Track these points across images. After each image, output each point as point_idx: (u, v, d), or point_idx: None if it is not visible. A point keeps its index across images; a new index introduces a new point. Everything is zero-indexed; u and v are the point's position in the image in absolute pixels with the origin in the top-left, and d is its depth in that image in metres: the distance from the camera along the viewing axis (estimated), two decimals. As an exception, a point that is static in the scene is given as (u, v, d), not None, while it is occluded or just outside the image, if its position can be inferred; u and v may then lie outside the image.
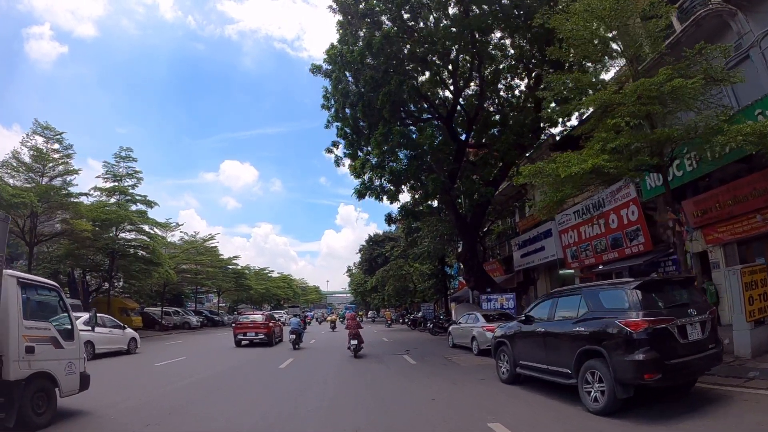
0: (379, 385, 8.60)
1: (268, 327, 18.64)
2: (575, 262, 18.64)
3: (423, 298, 33.34)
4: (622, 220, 15.92)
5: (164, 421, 6.01)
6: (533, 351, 7.35)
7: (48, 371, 5.62)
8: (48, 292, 6.22)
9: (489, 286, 17.47)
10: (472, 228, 17.80)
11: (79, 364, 6.29)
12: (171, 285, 34.84)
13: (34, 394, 5.38)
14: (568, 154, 8.70)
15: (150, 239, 25.42)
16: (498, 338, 8.59)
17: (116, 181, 26.83)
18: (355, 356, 13.73)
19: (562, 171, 8.13)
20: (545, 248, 19.97)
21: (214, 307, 51.22)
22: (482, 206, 17.55)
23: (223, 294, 52.60)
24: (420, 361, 12.04)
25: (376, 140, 14.89)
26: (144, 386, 8.70)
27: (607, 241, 16.69)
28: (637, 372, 5.43)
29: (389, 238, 45.13)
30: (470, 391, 7.78)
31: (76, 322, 6.49)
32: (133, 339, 15.96)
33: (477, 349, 12.89)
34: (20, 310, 5.34)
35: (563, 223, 19.12)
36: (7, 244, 5.59)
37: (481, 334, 12.74)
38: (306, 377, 9.63)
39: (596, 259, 17.39)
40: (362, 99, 17.20)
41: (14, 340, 5.16)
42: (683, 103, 8.32)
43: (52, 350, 5.75)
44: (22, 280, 5.59)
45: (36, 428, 5.34)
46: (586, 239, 17.84)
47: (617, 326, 5.73)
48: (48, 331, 5.79)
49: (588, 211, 17.76)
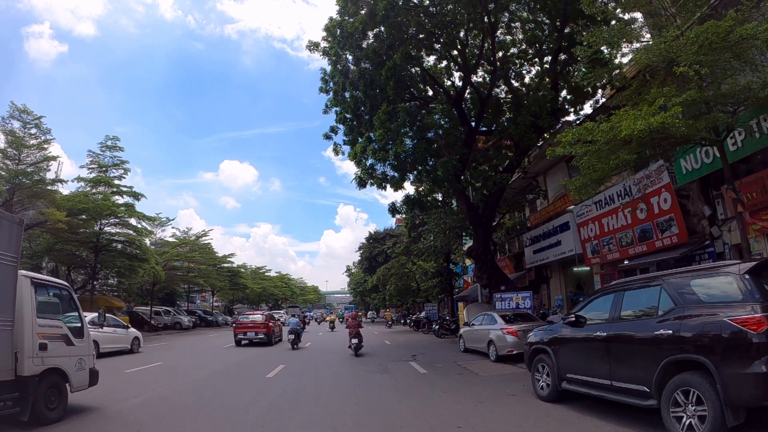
0: (386, 406, 6.66)
1: (268, 327, 18.80)
2: (596, 257, 16.87)
3: (426, 298, 31.38)
4: (652, 209, 14.19)
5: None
6: (589, 361, 5.59)
7: (60, 367, 5.81)
8: (59, 291, 6.45)
9: (503, 284, 15.67)
10: (485, 219, 15.97)
11: (89, 360, 6.52)
12: (162, 283, 32.98)
13: (46, 389, 5.55)
14: (626, 110, 6.90)
15: (136, 233, 23.49)
16: (535, 345, 6.82)
17: (102, 172, 24.94)
18: (356, 355, 13.92)
19: (625, 127, 6.32)
20: (562, 243, 18.22)
21: (210, 306, 49.13)
22: (495, 195, 15.77)
23: (218, 293, 50.77)
24: (431, 369, 10.36)
25: (380, 119, 13.14)
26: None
27: (634, 234, 14.94)
28: (760, 389, 3.82)
29: (390, 235, 43.24)
30: (504, 413, 6.10)
31: (86, 320, 6.75)
32: (136, 338, 16.01)
33: (495, 354, 11.14)
34: (34, 308, 5.53)
35: (582, 215, 17.37)
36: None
37: (499, 337, 10.97)
38: (295, 393, 7.83)
39: (621, 254, 15.64)
40: (364, 77, 15.44)
41: (28, 337, 5.34)
42: (748, 61, 6.49)
43: (63, 347, 5.95)
44: (35, 281, 5.79)
45: (48, 422, 5.48)
46: (609, 232, 16.09)
47: (727, 326, 3.95)
48: (60, 328, 5.99)
49: (611, 201, 15.99)
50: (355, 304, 68.19)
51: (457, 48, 16.12)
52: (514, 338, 10.78)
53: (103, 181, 24.24)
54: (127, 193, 24.94)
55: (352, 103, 16.73)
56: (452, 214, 18.42)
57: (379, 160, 13.64)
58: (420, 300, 34.81)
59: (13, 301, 5.10)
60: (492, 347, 11.30)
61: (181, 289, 38.24)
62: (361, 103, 16.63)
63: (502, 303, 14.79)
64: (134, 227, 24.29)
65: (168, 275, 30.51)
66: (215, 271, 36.66)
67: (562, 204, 19.10)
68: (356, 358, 12.53)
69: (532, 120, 14.79)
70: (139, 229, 24.13)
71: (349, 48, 15.44)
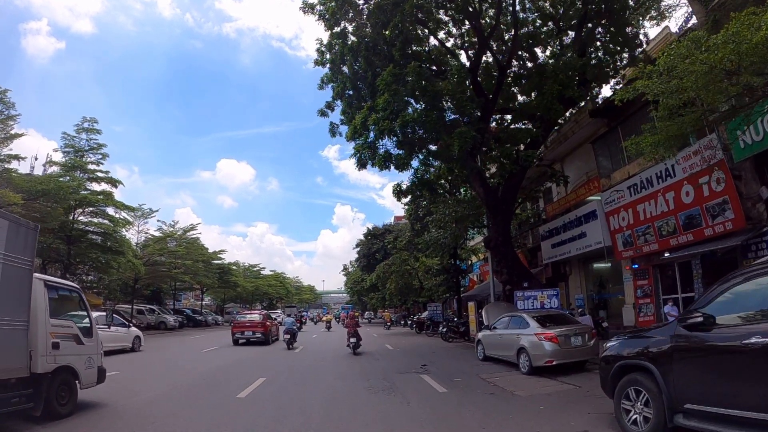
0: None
1: (265, 326, 18.95)
2: (628, 249, 14.70)
3: (430, 297, 28.89)
4: (700, 192, 12.10)
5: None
6: (733, 385, 3.30)
7: (70, 365, 6.04)
8: (70, 292, 6.75)
9: (525, 279, 13.40)
10: (505, 204, 13.67)
11: (97, 359, 6.73)
12: (146, 280, 30.51)
13: (58, 386, 5.77)
14: (744, 15, 4.63)
15: (111, 223, 21.04)
16: (623, 360, 4.51)
17: (78, 156, 22.55)
18: (354, 353, 14.15)
19: (750, 35, 4.06)
20: (587, 234, 16.04)
21: (200, 305, 46.48)
22: (517, 176, 13.55)
23: (209, 292, 48.22)
24: (450, 385, 8.04)
25: (385, 81, 10.87)
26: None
27: (678, 221, 12.78)
28: None
29: (389, 231, 40.81)
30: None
31: (94, 320, 7.02)
32: (137, 337, 16.08)
33: (527, 365, 8.95)
34: (47, 309, 5.78)
35: (612, 203, 15.21)
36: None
37: (534, 344, 8.73)
38: (274, 425, 5.46)
39: (660, 245, 13.52)
40: (365, 42, 13.14)
41: (42, 336, 5.58)
42: None
43: (74, 346, 6.19)
44: (48, 283, 6.12)
45: (60, 417, 5.69)
46: (645, 220, 13.96)
47: None
48: (71, 328, 6.26)
49: (649, 185, 13.82)
50: (352, 304, 65.84)
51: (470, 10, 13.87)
52: (554, 345, 8.67)
53: (78, 165, 21.82)
54: (104, 179, 22.55)
55: (350, 74, 14.49)
56: (461, 202, 16.06)
57: (384, 131, 11.30)
58: (422, 300, 32.34)
59: (28, 302, 5.37)
60: (524, 356, 9.09)
61: (168, 287, 35.60)
62: (362, 77, 14.46)
63: (524, 302, 12.56)
64: (111, 217, 21.84)
65: (150, 271, 28.05)
66: (204, 267, 34.06)
67: (586, 191, 16.92)
68: (355, 369, 10.17)
69: (560, 89, 12.56)
70: (116, 219, 21.68)
71: (348, 3, 13.14)
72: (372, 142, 13.77)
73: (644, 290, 14.75)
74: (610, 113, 16.43)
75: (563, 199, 18.60)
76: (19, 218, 5.83)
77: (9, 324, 5.02)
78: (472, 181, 13.69)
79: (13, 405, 5.02)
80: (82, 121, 23.25)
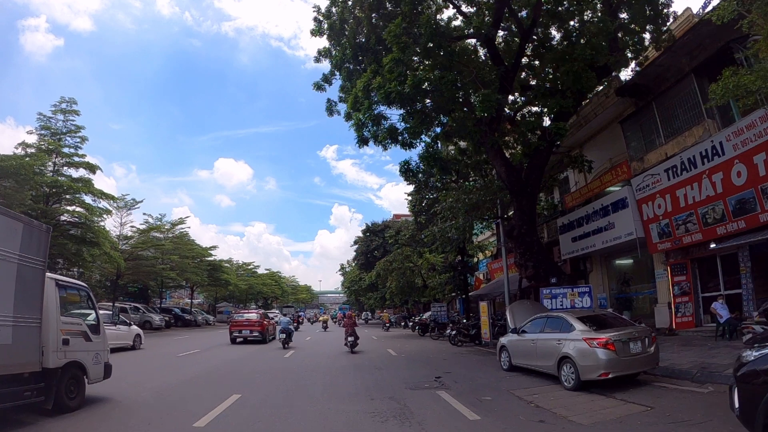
0: None
1: (263, 325, 19.37)
2: (665, 241, 13.01)
3: (434, 297, 26.92)
4: (755, 171, 10.48)
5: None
6: None
7: (79, 361, 6.30)
8: (78, 291, 7.01)
9: (554, 275, 11.55)
10: (530, 187, 11.82)
11: (104, 355, 6.99)
12: (130, 276, 28.53)
13: (68, 380, 6.03)
14: None
15: (87, 211, 19.12)
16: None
17: (54, 139, 20.69)
18: (352, 351, 14.53)
19: None
20: (615, 225, 14.34)
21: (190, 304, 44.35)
22: (543, 155, 11.72)
23: (200, 290, 46.15)
24: (481, 408, 6.05)
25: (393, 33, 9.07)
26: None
27: (727, 206, 11.15)
28: None
29: (389, 227, 38.89)
30: None
31: (101, 318, 7.26)
32: (138, 335, 16.31)
33: (574, 379, 7.03)
34: (58, 307, 6.06)
35: (645, 188, 13.54)
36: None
37: (584, 352, 6.88)
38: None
39: (705, 234, 11.86)
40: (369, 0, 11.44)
41: (53, 333, 5.84)
42: None
43: (82, 342, 6.47)
44: (59, 282, 6.40)
45: (69, 410, 5.93)
46: (687, 206, 12.28)
47: None
48: (80, 325, 6.52)
49: (692, 165, 12.10)
50: (350, 304, 63.96)
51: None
52: (610, 354, 6.73)
53: (53, 147, 19.90)
54: (81, 164, 20.63)
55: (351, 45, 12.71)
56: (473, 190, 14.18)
57: (391, 95, 9.44)
58: (425, 299, 30.37)
59: (41, 300, 5.61)
60: (568, 367, 7.16)
61: (155, 284, 33.52)
62: (364, 48, 12.70)
63: (551, 301, 10.76)
64: (87, 205, 19.90)
65: (133, 266, 26.05)
66: (193, 264, 32.03)
67: (612, 178, 15.16)
68: (355, 383, 8.10)
69: (592, 54, 10.78)
70: (92, 207, 19.71)
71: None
72: (376, 114, 11.98)
73: (682, 287, 13.03)
74: (641, 90, 14.73)
75: (584, 187, 16.86)
76: (32, 220, 6.05)
77: (24, 321, 5.25)
78: (492, 160, 11.88)
79: (25, 398, 5.25)
80: (60, 101, 21.41)
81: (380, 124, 12.31)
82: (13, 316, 5.03)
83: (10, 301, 5.02)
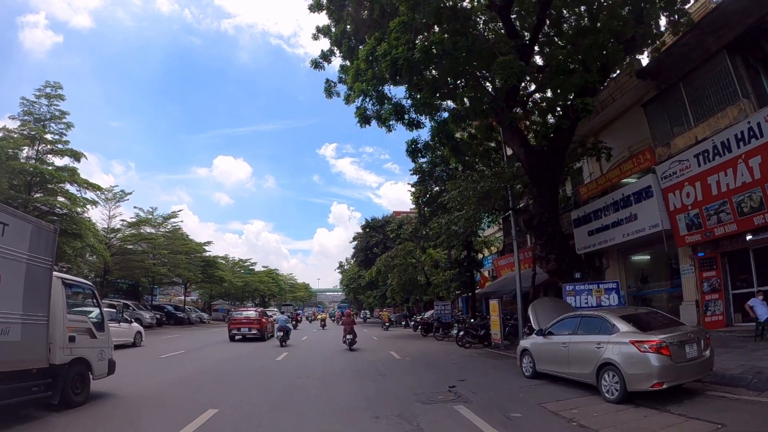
0: None
1: (261, 323, 19.64)
2: (694, 233, 12.01)
3: (437, 294, 25.80)
4: (800, 155, 9.23)
5: None
6: None
7: (84, 357, 6.52)
8: (83, 289, 7.32)
9: (578, 269, 10.47)
10: (551, 171, 10.74)
11: (108, 351, 7.25)
12: (119, 272, 27.37)
13: (73, 376, 6.23)
14: None
15: (68, 201, 18.01)
16: None
17: (38, 125, 19.63)
18: (350, 349, 14.80)
19: None
20: (638, 217, 13.35)
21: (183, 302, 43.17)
22: (565, 135, 10.64)
23: (194, 287, 45.00)
24: (511, 430, 4.97)
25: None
26: None
27: (765, 193, 10.15)
28: None
29: (389, 222, 37.79)
30: None
31: (106, 315, 7.58)
32: (139, 332, 16.53)
33: (618, 389, 5.93)
34: (64, 306, 6.29)
35: (671, 177, 12.53)
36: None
37: (632, 358, 5.84)
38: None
39: (740, 225, 10.95)
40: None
41: (60, 330, 6.07)
42: None
43: (88, 339, 6.69)
44: (66, 281, 6.62)
45: (74, 405, 6.11)
46: (719, 195, 11.29)
47: None
48: (85, 323, 6.76)
49: (726, 149, 11.10)
50: (348, 303, 63.04)
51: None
52: (665, 359, 5.62)
53: (35, 133, 18.81)
54: (64, 152, 19.55)
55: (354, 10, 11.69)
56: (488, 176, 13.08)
57: (398, 63, 8.36)
58: (428, 297, 29.24)
59: (48, 299, 5.83)
60: (611, 376, 6.02)
61: (146, 280, 32.34)
62: (367, 23, 11.65)
63: (576, 298, 9.74)
64: (70, 195, 18.78)
65: (122, 261, 24.89)
66: (186, 259, 30.86)
67: (633, 166, 14.16)
68: (356, 393, 6.84)
69: (619, 25, 9.77)
70: (75, 197, 18.58)
71: None
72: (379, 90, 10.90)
73: (711, 284, 12.03)
74: (664, 71, 13.72)
75: (602, 177, 15.83)
76: (40, 221, 6.26)
77: (32, 319, 5.42)
78: (509, 141, 10.80)
79: (33, 393, 5.46)
80: (44, 86, 20.28)
81: (383, 103, 11.27)
82: (22, 314, 5.20)
83: (19, 299, 5.20)
